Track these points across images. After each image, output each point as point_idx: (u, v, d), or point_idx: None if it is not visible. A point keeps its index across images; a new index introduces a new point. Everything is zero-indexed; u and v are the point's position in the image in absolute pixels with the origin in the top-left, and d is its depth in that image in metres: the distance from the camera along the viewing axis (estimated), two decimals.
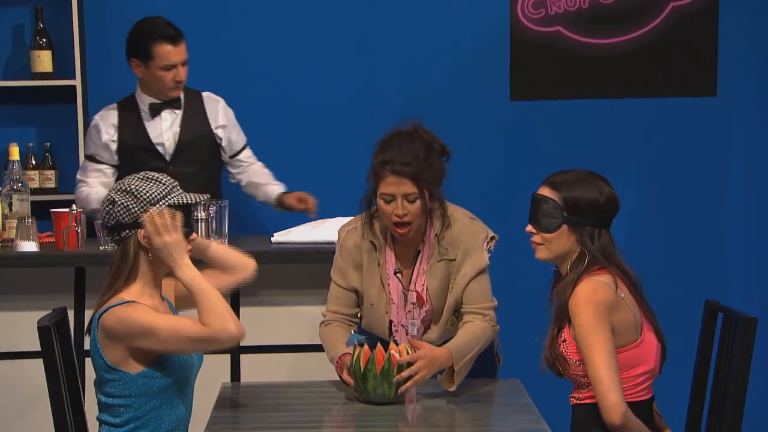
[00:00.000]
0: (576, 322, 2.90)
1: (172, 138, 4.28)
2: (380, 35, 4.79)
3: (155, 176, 2.91)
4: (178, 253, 2.81)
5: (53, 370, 3.01)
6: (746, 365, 3.11)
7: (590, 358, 2.86)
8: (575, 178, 3.02)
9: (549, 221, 2.99)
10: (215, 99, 4.39)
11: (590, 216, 2.99)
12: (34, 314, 3.26)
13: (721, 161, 4.86)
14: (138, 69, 4.23)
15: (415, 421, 2.95)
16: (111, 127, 4.27)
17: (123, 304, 2.79)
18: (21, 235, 3.88)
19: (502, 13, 4.78)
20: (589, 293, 2.91)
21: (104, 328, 2.79)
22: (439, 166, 3.24)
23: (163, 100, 4.27)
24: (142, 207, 2.84)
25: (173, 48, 4.17)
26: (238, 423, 2.96)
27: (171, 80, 4.20)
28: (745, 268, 4.88)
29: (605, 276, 2.96)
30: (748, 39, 4.81)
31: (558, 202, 2.99)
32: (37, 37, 4.61)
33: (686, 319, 4.50)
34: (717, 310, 3.41)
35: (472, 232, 3.31)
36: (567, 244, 3.00)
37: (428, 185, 3.20)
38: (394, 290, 3.30)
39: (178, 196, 2.88)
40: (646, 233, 4.86)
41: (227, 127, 4.37)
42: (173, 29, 4.19)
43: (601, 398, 2.84)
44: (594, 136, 4.84)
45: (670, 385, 4.03)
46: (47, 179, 4.66)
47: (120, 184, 2.89)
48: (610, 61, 4.80)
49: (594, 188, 3.00)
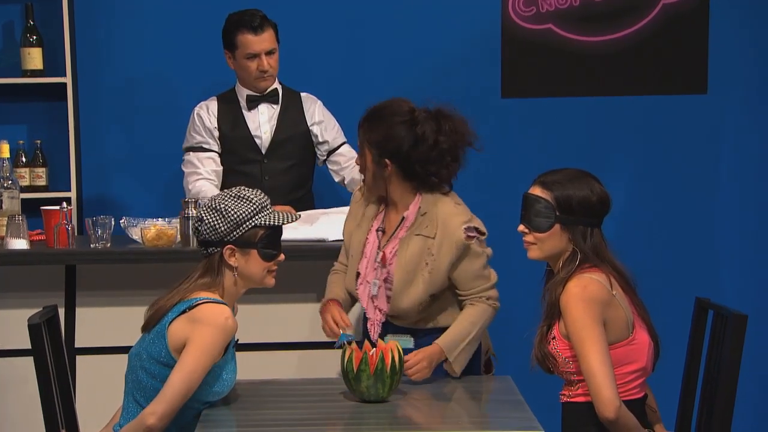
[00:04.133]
0: (568, 318, 2.90)
1: (269, 131, 4.30)
2: (371, 33, 4.79)
3: (247, 194, 2.96)
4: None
5: (44, 368, 3.01)
6: (736, 362, 3.12)
7: (583, 354, 2.86)
8: (567, 177, 3.02)
9: (541, 221, 3.00)
10: (313, 98, 4.41)
11: (582, 215, 2.99)
12: (24, 312, 3.26)
13: (711, 158, 4.87)
14: (230, 60, 4.28)
15: (408, 419, 2.95)
16: (212, 116, 4.29)
17: (214, 303, 2.88)
18: (11, 232, 3.87)
19: (493, 11, 4.78)
20: (581, 289, 2.91)
21: (193, 317, 2.86)
22: (391, 133, 3.26)
23: (259, 93, 4.28)
24: (229, 227, 2.91)
25: (255, 37, 4.18)
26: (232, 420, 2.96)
27: (255, 69, 4.21)
28: (736, 265, 4.89)
29: (597, 273, 2.96)
30: (738, 36, 4.82)
31: (550, 201, 2.99)
32: (28, 34, 4.60)
33: (677, 317, 4.51)
34: (707, 307, 3.42)
35: (453, 214, 3.30)
36: (559, 243, 3.00)
37: (370, 145, 3.30)
38: (369, 244, 3.40)
39: (266, 216, 2.94)
40: (636, 230, 4.87)
41: (323, 123, 4.37)
42: (259, 19, 4.20)
43: (595, 393, 2.84)
44: (585, 134, 4.85)
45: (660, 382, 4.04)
46: (38, 177, 4.64)
47: (211, 201, 2.95)
48: (601, 58, 4.80)
49: (586, 187, 3.01)
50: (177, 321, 2.89)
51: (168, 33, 4.75)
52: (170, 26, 4.74)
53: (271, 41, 4.22)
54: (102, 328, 3.90)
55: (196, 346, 2.83)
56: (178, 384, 2.82)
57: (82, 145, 4.72)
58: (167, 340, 2.88)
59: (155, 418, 2.80)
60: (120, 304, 3.89)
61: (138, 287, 3.88)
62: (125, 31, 4.74)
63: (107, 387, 3.51)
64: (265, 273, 3.01)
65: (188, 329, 2.86)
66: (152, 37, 4.75)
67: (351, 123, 4.66)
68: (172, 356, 2.87)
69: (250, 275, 2.99)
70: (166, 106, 4.77)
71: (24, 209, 4.10)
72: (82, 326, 3.89)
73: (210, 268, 2.96)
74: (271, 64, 4.24)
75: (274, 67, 4.26)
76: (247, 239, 2.95)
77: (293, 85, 4.45)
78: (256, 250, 2.96)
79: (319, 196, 4.52)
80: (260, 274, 3.00)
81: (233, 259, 2.95)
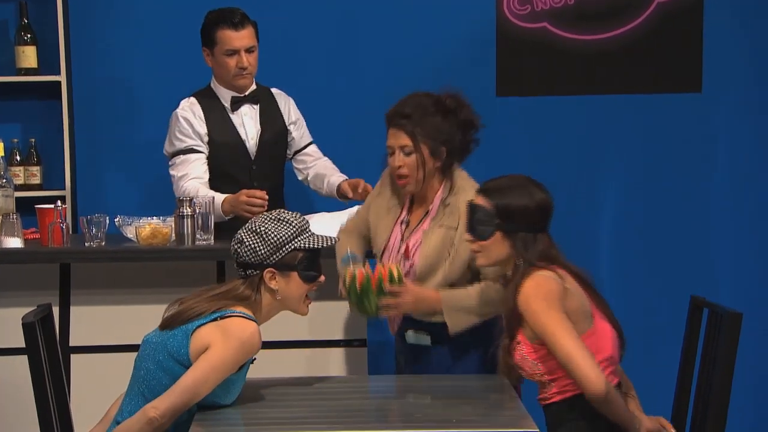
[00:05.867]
0: (531, 317, 2.91)
1: (256, 135, 4.23)
2: (365, 31, 4.79)
3: (287, 217, 2.98)
4: None
5: (38, 367, 3.00)
6: (731, 360, 3.12)
7: (556, 342, 2.87)
8: (507, 185, 3.04)
9: (483, 229, 3.02)
10: (284, 95, 4.37)
11: (523, 222, 3.00)
12: (18, 310, 3.26)
13: (706, 157, 4.88)
14: (208, 59, 4.20)
15: (402, 417, 2.95)
16: (200, 120, 4.19)
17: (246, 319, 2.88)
18: (5, 231, 3.87)
19: (488, 10, 4.78)
20: (535, 286, 2.93)
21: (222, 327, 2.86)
22: (440, 125, 3.35)
23: (238, 92, 4.21)
24: (270, 249, 2.92)
25: (235, 33, 4.10)
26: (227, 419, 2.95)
27: (234, 66, 4.13)
28: (731, 264, 4.90)
29: (545, 271, 2.98)
30: (732, 35, 4.83)
31: (490, 209, 3.00)
32: (22, 32, 4.59)
33: (672, 315, 4.53)
34: (702, 305, 3.42)
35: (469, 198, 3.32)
36: (503, 250, 3.02)
37: (424, 140, 3.34)
38: (393, 236, 3.45)
39: (306, 240, 2.96)
40: (631, 229, 4.87)
41: (298, 122, 4.35)
42: (239, 15, 4.13)
43: (579, 374, 2.84)
44: (580, 132, 4.85)
45: (655, 380, 4.05)
46: (32, 175, 4.64)
47: (251, 224, 2.97)
48: (595, 57, 4.81)
49: (526, 194, 3.02)
50: (206, 326, 2.88)
51: (163, 31, 4.74)
52: (165, 25, 4.74)
53: (251, 38, 4.15)
54: (97, 326, 3.90)
55: (216, 356, 2.83)
56: (188, 386, 2.82)
57: (76, 144, 4.71)
58: (191, 340, 2.87)
59: (157, 412, 2.80)
60: (115, 303, 3.89)
61: (133, 286, 3.88)
62: (120, 29, 4.74)
63: (102, 385, 3.51)
64: (303, 298, 3.02)
65: (214, 337, 2.86)
66: (147, 35, 4.75)
67: (346, 122, 4.69)
68: (189, 357, 2.87)
69: (289, 298, 2.99)
70: (160, 105, 4.76)
71: (18, 208, 4.09)
72: (76, 325, 3.89)
73: (249, 289, 2.96)
74: (251, 62, 4.16)
75: (253, 65, 4.18)
76: (288, 262, 2.95)
77: (291, 86, 4.45)
78: (296, 272, 2.97)
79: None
80: (299, 297, 3.01)
81: (274, 282, 2.96)
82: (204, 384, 2.83)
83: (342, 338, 3.91)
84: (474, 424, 2.87)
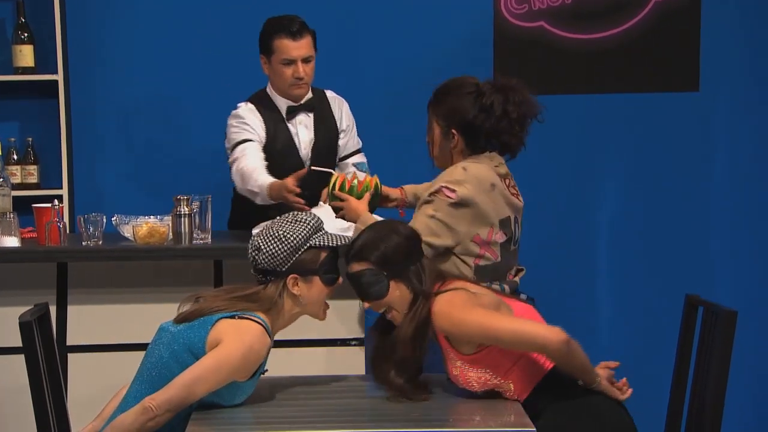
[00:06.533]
0: (458, 329, 2.91)
1: (309, 144, 4.21)
2: (363, 31, 4.79)
3: (301, 217, 2.98)
4: None
5: (35, 366, 3.00)
6: (726, 358, 3.12)
7: (494, 331, 2.86)
8: (370, 239, 3.00)
9: (377, 288, 2.99)
10: (339, 99, 4.33)
11: (403, 259, 2.98)
12: (15, 309, 3.25)
13: (703, 156, 4.88)
14: (265, 66, 4.15)
15: (399, 417, 2.95)
16: (259, 121, 4.14)
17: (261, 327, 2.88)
18: (2, 230, 3.86)
19: (485, 9, 4.78)
20: (447, 304, 2.93)
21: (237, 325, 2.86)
22: (457, 106, 3.41)
23: (294, 102, 4.17)
24: (288, 252, 2.92)
25: (293, 42, 4.06)
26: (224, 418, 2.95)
27: (291, 76, 4.09)
28: (727, 262, 4.90)
29: (449, 287, 2.98)
30: (730, 34, 4.83)
31: (370, 267, 2.98)
32: (19, 31, 4.59)
33: (667, 313, 4.53)
34: (697, 304, 3.42)
35: (449, 173, 3.39)
36: (404, 294, 2.99)
37: (437, 119, 3.46)
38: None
39: (320, 237, 2.96)
40: (628, 228, 4.87)
41: (347, 129, 4.32)
42: (297, 24, 4.09)
43: (534, 340, 2.84)
44: (577, 132, 4.85)
45: (650, 379, 4.05)
46: (29, 174, 4.64)
47: (268, 229, 2.96)
48: (593, 56, 4.81)
49: (390, 235, 3.00)
50: (226, 321, 2.89)
51: (160, 30, 4.74)
52: (162, 23, 4.74)
53: (309, 48, 4.11)
54: (94, 325, 3.89)
55: (222, 355, 2.83)
56: (186, 382, 2.81)
57: (73, 143, 4.71)
58: (209, 332, 2.87)
59: (153, 402, 2.80)
60: (112, 302, 3.89)
61: (130, 285, 3.88)
62: (117, 28, 4.74)
63: (99, 385, 3.51)
64: (323, 302, 3.02)
65: (227, 335, 2.86)
66: (144, 34, 4.75)
67: None
68: (205, 348, 2.87)
69: (312, 303, 2.99)
70: (158, 103, 4.77)
71: (15, 207, 4.09)
72: (74, 324, 3.89)
73: (270, 295, 2.96)
74: (307, 72, 4.12)
75: (310, 75, 4.15)
76: (309, 266, 2.96)
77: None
78: (318, 276, 2.97)
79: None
80: (321, 301, 3.01)
81: (296, 288, 2.96)
82: (203, 382, 2.82)
83: (340, 338, 3.91)
84: (472, 424, 2.88)
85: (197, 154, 4.73)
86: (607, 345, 4.75)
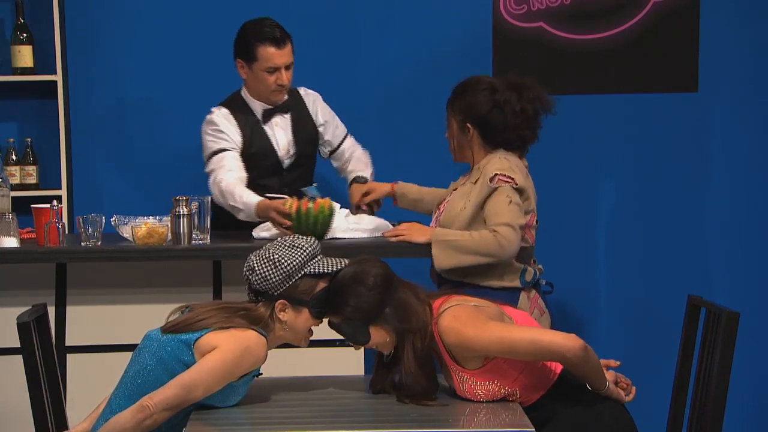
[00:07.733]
0: (470, 345, 2.88)
1: (287, 145, 4.22)
2: (362, 31, 4.79)
3: (299, 242, 2.95)
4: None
5: (33, 367, 3.00)
6: (728, 360, 3.12)
7: (509, 342, 2.84)
8: (338, 290, 2.95)
9: (358, 335, 2.97)
10: (312, 94, 4.34)
11: (374, 306, 2.94)
12: (14, 310, 3.25)
13: (702, 156, 4.88)
14: (242, 70, 4.15)
15: (398, 417, 2.95)
16: (234, 128, 4.15)
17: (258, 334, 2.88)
18: (1, 231, 3.86)
19: (484, 9, 4.78)
20: (453, 320, 2.90)
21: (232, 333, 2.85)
22: (472, 102, 3.62)
23: (272, 105, 4.18)
24: (281, 278, 2.89)
25: (277, 50, 4.07)
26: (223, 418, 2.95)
27: (273, 83, 4.10)
28: (728, 263, 4.90)
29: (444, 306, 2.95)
30: (729, 34, 4.83)
31: (347, 318, 2.95)
32: (18, 32, 4.59)
33: (669, 314, 4.53)
34: (699, 305, 3.42)
35: (494, 163, 3.58)
36: (388, 335, 2.96)
37: (454, 114, 3.67)
38: (444, 201, 3.78)
39: (317, 264, 2.93)
40: (627, 228, 4.87)
41: (327, 123, 4.33)
42: (279, 31, 4.08)
43: (551, 347, 2.82)
44: (576, 132, 4.85)
45: (652, 380, 4.05)
46: (28, 175, 4.64)
47: (264, 251, 2.93)
48: (592, 56, 4.81)
49: (358, 285, 2.94)
50: (219, 331, 2.87)
51: (159, 31, 4.74)
52: (162, 24, 4.74)
53: (291, 54, 4.12)
54: (93, 326, 3.89)
55: (219, 357, 2.82)
56: (184, 382, 2.81)
57: (72, 143, 4.71)
58: (201, 341, 2.85)
59: (150, 401, 2.79)
60: (111, 303, 3.89)
61: (129, 285, 3.88)
62: (116, 29, 4.73)
63: (98, 385, 3.50)
64: (307, 333, 3.01)
65: (222, 339, 2.85)
66: (143, 34, 4.74)
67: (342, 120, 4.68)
68: (195, 357, 2.85)
69: (295, 331, 2.97)
70: (156, 104, 4.77)
71: (14, 207, 4.09)
72: (72, 324, 3.89)
73: (261, 315, 2.94)
74: (289, 78, 4.15)
75: (290, 80, 4.17)
76: (301, 296, 2.93)
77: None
78: (308, 308, 2.95)
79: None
80: (304, 332, 3.00)
81: (283, 314, 2.94)
82: (202, 383, 2.81)
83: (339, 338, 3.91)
84: (472, 424, 2.87)
85: (196, 155, 4.72)
86: (607, 345, 4.74)
